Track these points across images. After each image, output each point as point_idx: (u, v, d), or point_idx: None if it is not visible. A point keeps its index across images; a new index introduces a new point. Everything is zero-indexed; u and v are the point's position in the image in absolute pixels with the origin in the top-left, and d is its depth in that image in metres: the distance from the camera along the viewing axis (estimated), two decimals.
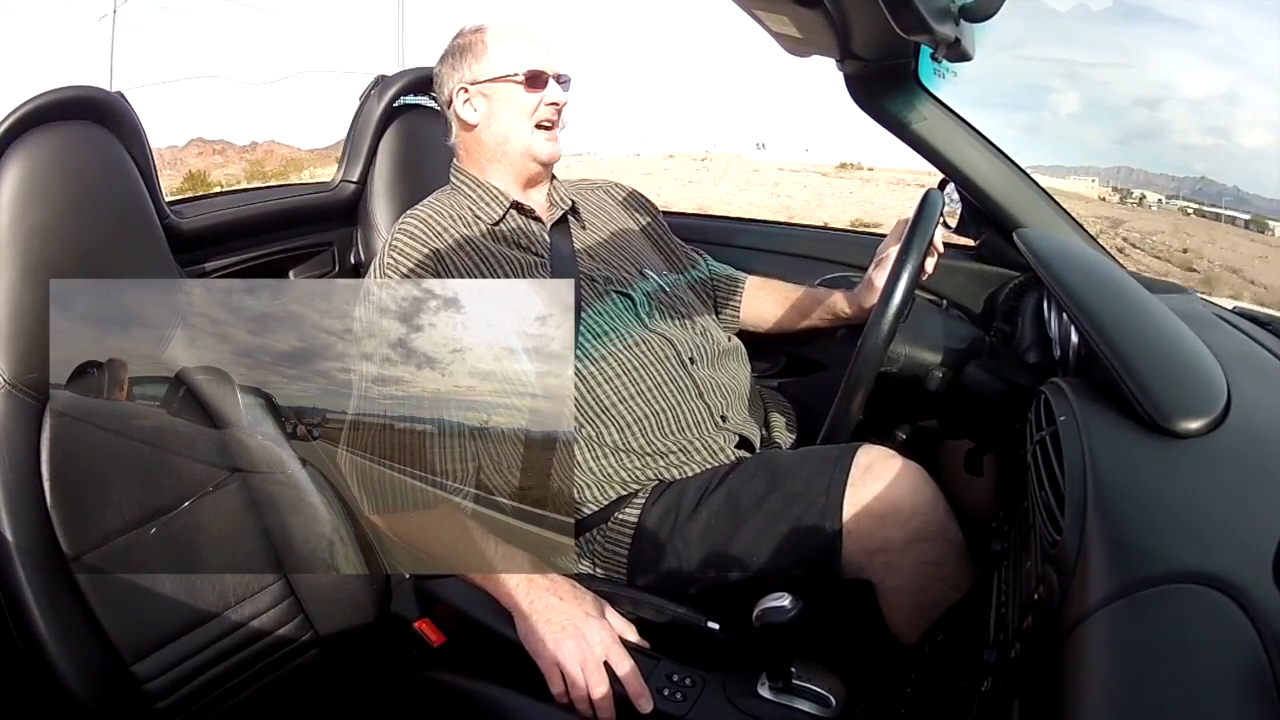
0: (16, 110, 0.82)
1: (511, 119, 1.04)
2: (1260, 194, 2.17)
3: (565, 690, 0.81)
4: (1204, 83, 4.07)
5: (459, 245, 1.01)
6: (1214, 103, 3.29)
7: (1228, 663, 0.35)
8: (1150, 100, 4.23)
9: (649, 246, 1.17)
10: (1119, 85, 4.75)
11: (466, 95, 1.05)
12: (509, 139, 1.05)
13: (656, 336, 1.01)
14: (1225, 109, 3.27)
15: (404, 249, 0.99)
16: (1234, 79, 4.23)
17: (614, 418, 0.95)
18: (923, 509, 0.82)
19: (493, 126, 1.05)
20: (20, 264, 0.81)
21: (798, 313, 1.21)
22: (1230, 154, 3.40)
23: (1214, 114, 3.40)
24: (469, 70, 1.05)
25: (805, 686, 0.77)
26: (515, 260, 1.01)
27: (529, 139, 1.04)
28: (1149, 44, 4.95)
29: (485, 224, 1.04)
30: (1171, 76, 3.89)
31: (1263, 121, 2.45)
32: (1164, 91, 3.83)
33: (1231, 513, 0.46)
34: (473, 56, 1.05)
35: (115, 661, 0.80)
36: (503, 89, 1.03)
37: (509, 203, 1.05)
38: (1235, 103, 3.36)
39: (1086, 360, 0.77)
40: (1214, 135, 3.68)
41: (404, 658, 0.92)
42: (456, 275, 0.98)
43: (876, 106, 1.08)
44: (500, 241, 1.04)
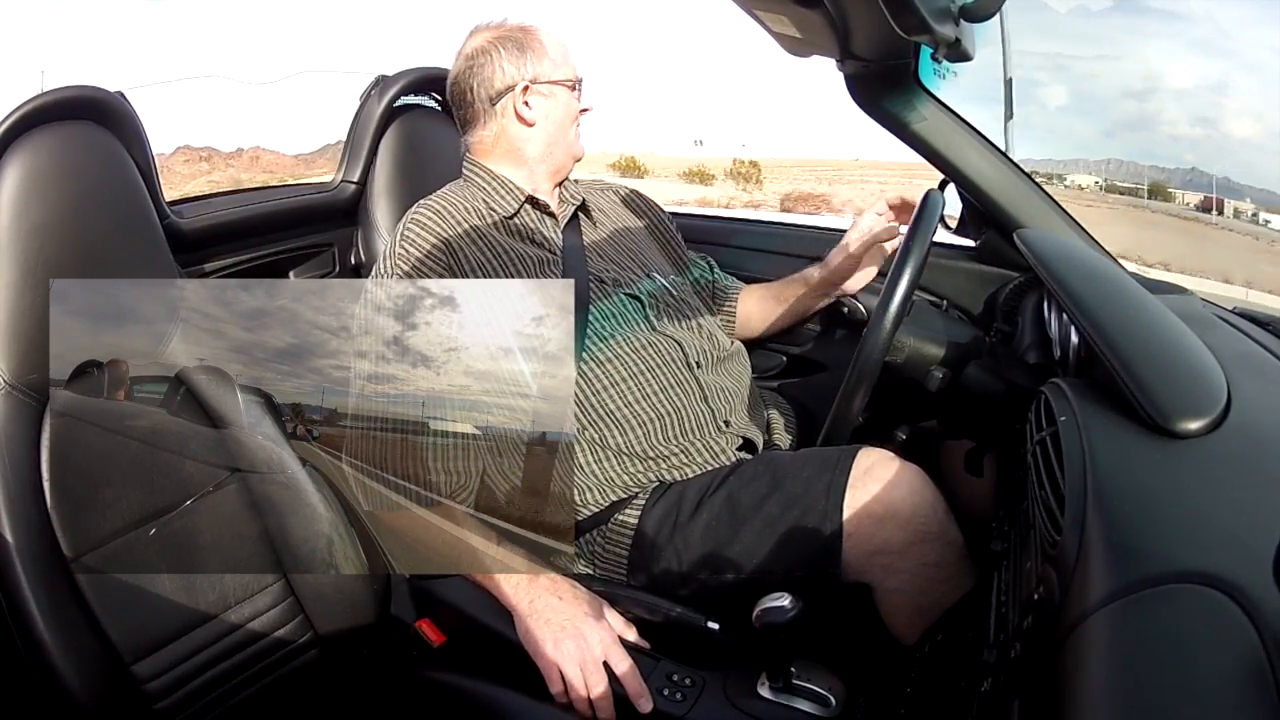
0: (16, 110, 0.82)
1: (563, 121, 1.07)
2: (1251, 184, 2.19)
3: (564, 690, 0.80)
4: (1191, 73, 4.04)
5: (471, 237, 1.00)
6: (1202, 93, 3.29)
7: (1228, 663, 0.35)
8: (1138, 92, 4.20)
9: (655, 247, 1.17)
10: (1106, 78, 4.69)
11: (528, 92, 1.05)
12: (559, 140, 1.07)
13: (664, 339, 1.01)
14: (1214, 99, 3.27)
15: (415, 238, 0.98)
16: (1221, 69, 4.19)
17: (618, 421, 0.95)
18: (923, 510, 0.82)
19: (548, 126, 1.06)
20: (20, 264, 0.81)
21: (779, 302, 1.21)
22: (1219, 144, 3.39)
23: (1202, 104, 3.40)
24: (532, 67, 1.05)
25: (805, 686, 0.77)
26: (528, 256, 1.01)
27: (573, 141, 1.08)
28: (1135, 35, 4.93)
29: (499, 217, 1.04)
30: (1159, 67, 3.90)
31: (1251, 111, 2.46)
32: (1152, 83, 3.83)
33: (1231, 513, 0.46)
34: (533, 54, 1.05)
35: (115, 661, 0.80)
36: (561, 92, 1.06)
37: (524, 197, 1.05)
38: (1223, 92, 3.35)
39: (1086, 360, 0.77)
40: (1203, 126, 3.65)
41: (404, 658, 0.92)
42: (468, 267, 0.98)
43: (876, 106, 1.08)
44: (513, 236, 1.03)
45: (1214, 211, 2.58)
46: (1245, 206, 2.50)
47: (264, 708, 0.91)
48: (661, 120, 22.48)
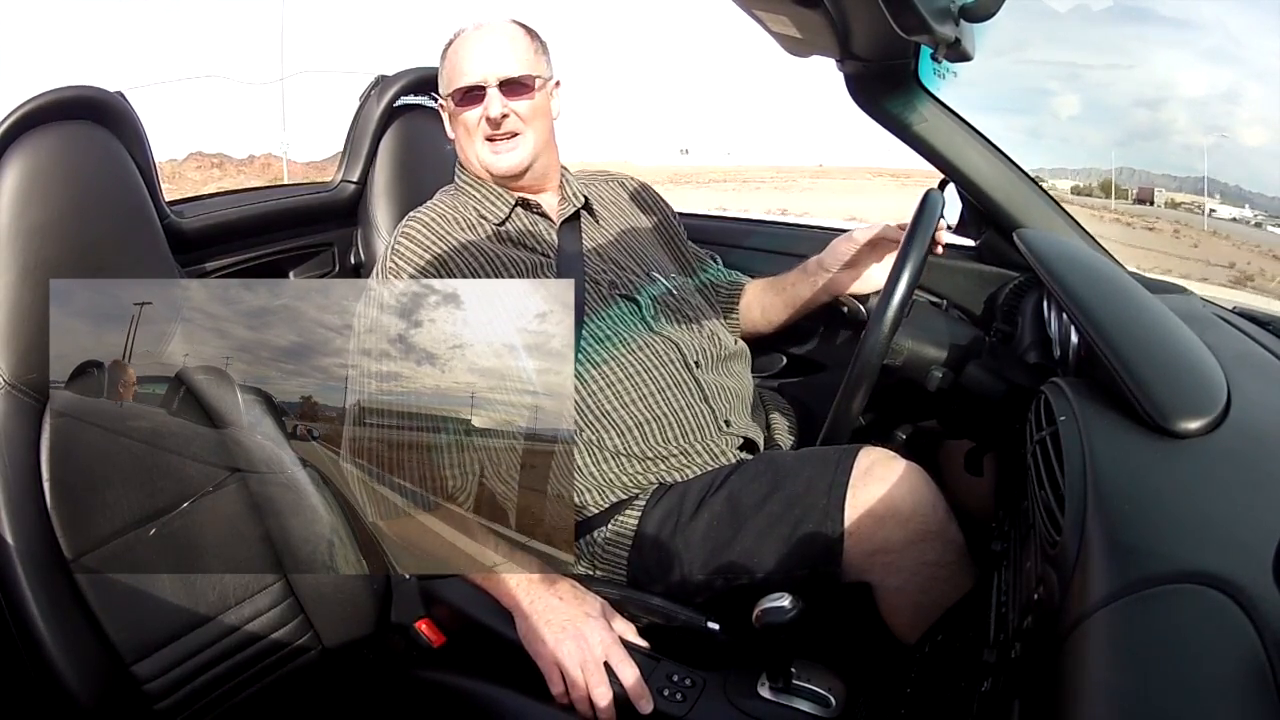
0: (16, 110, 0.82)
1: (463, 136, 1.04)
2: (1263, 192, 2.20)
3: (565, 691, 0.81)
4: (1203, 82, 3.98)
5: (462, 248, 0.99)
6: (1214, 101, 3.27)
7: (1228, 662, 0.35)
8: (1150, 101, 4.16)
9: (659, 246, 1.15)
10: (1119, 86, 4.69)
11: (445, 110, 1.06)
12: (468, 156, 1.05)
13: (661, 340, 1.00)
14: (1225, 107, 3.25)
15: (405, 253, 0.98)
16: (1232, 77, 4.13)
17: (615, 422, 0.95)
18: (922, 510, 0.82)
19: (457, 139, 1.05)
20: (20, 264, 0.81)
21: (780, 296, 1.19)
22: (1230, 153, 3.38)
23: (1214, 113, 3.36)
24: (443, 85, 1.05)
25: (805, 686, 0.77)
26: (520, 261, 1.00)
27: (480, 154, 1.03)
28: (1147, 44, 4.78)
29: (491, 224, 1.03)
30: (1170, 76, 3.84)
31: (1262, 119, 2.46)
32: (1164, 91, 3.78)
33: (1231, 513, 0.46)
34: (443, 71, 1.05)
35: (115, 662, 0.80)
36: (452, 106, 1.04)
37: (514, 200, 1.04)
38: (1235, 101, 3.34)
39: (1086, 360, 0.77)
40: (1214, 134, 3.63)
41: (404, 658, 0.92)
42: (459, 276, 0.97)
43: (877, 107, 1.08)
44: (505, 242, 1.02)
45: (1149, 203, 2.67)
46: (1182, 198, 2.58)
47: (264, 708, 0.91)
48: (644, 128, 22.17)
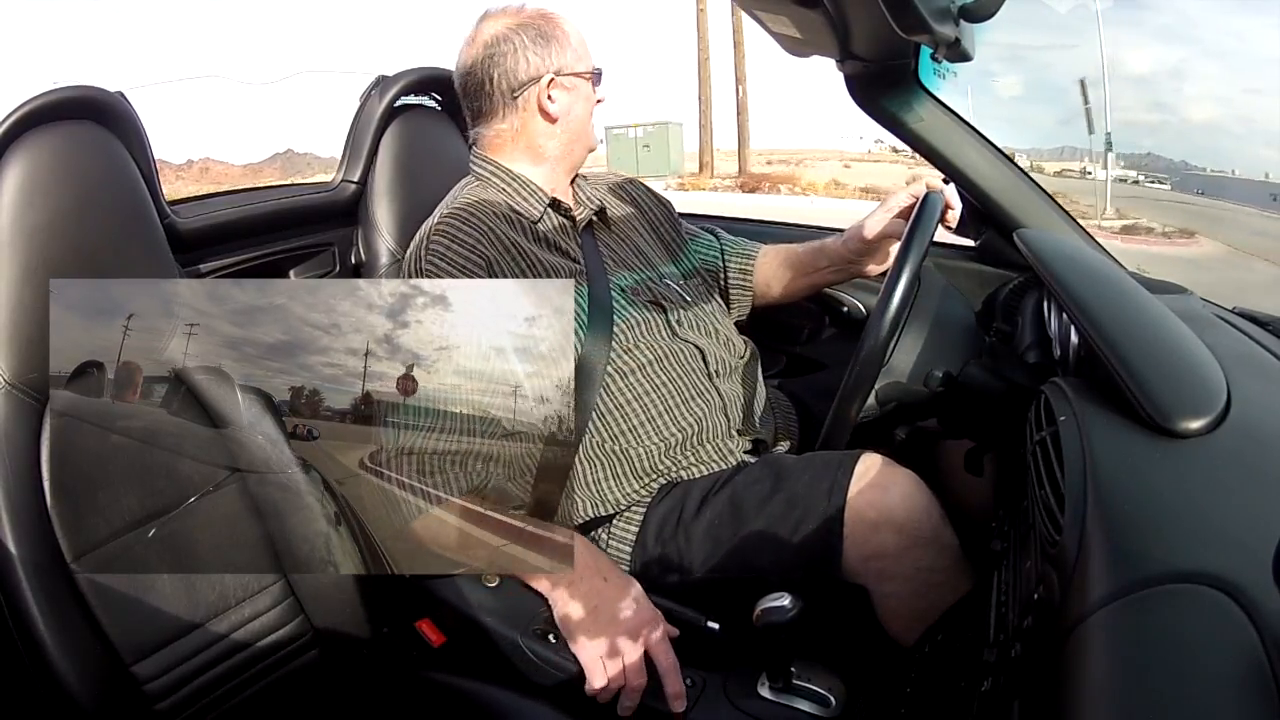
0: (16, 110, 0.82)
1: (585, 116, 1.03)
2: (1211, 166, 2.21)
3: (599, 686, 0.78)
4: (1150, 59, 4.13)
5: (504, 246, 0.95)
6: (1161, 79, 3.33)
7: (1228, 662, 0.35)
8: (1093, 79, 4.25)
9: (661, 246, 1.14)
10: (1061, 66, 4.74)
11: (552, 85, 1.00)
12: (580, 136, 1.04)
13: (686, 346, 0.99)
14: (1173, 84, 3.33)
15: (445, 250, 0.93)
16: (1182, 55, 4.27)
17: (640, 439, 0.94)
18: (916, 515, 0.83)
19: (570, 122, 1.02)
20: (20, 264, 0.81)
21: (796, 269, 1.17)
22: (1177, 129, 3.44)
23: (1161, 90, 3.46)
24: (556, 58, 0.99)
25: (805, 686, 0.77)
26: (558, 267, 0.97)
27: (592, 134, 1.05)
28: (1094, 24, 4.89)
29: (525, 222, 0.99)
30: (1116, 54, 3.91)
31: (1211, 95, 2.48)
32: (1108, 70, 3.86)
33: (1231, 513, 0.46)
34: (557, 44, 0.99)
35: (115, 662, 0.80)
36: (583, 85, 1.02)
37: (547, 200, 1.01)
38: (1183, 78, 3.41)
39: (1086, 360, 0.77)
40: (1161, 111, 3.70)
41: (404, 658, 0.92)
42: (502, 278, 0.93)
43: (876, 106, 1.08)
44: (540, 244, 0.99)
45: None
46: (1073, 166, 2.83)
47: (264, 708, 0.91)
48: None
